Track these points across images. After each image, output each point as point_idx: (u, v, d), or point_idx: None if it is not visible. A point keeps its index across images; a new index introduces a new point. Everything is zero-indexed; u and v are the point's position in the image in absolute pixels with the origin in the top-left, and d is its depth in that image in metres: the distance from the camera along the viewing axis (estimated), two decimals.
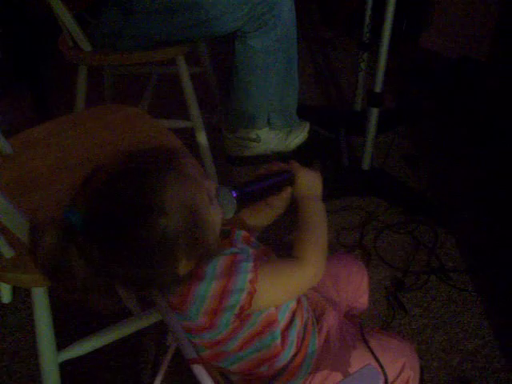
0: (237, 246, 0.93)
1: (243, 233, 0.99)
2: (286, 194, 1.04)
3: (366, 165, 1.89)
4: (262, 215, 1.07)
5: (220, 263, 0.86)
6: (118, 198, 0.78)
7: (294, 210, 1.03)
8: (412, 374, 1.09)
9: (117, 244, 0.78)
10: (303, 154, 2.03)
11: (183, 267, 0.83)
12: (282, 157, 2.00)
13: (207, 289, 0.86)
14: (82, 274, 0.77)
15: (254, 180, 1.00)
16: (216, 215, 0.87)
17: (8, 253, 0.98)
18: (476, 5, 2.42)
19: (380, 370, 1.02)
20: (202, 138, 1.84)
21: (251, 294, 0.86)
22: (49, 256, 0.76)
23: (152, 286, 0.88)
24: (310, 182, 1.04)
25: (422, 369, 1.16)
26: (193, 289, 0.87)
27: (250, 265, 0.87)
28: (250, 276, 0.86)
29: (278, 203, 1.05)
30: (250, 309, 0.88)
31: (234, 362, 0.98)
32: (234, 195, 0.91)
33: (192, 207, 0.81)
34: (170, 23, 1.62)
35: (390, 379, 1.04)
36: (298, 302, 1.03)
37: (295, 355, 1.00)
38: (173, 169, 0.81)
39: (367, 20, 2.03)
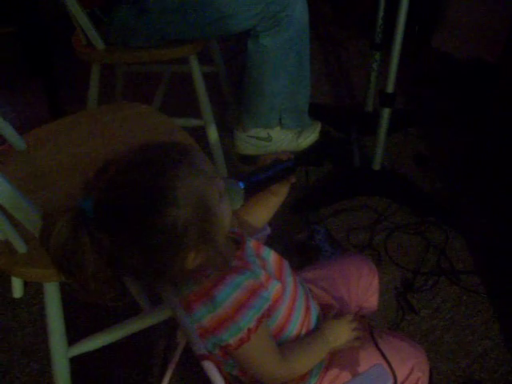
0: (249, 263, 0.94)
1: (253, 242, 1.00)
2: (288, 181, 1.05)
3: (376, 165, 1.88)
4: (267, 203, 1.09)
5: (234, 296, 0.87)
6: (130, 187, 0.78)
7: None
8: (421, 375, 1.08)
9: (127, 232, 0.78)
10: (314, 154, 2.03)
11: (192, 260, 0.83)
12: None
13: (206, 316, 0.88)
14: (92, 264, 0.78)
15: (259, 170, 1.01)
16: (226, 210, 0.87)
17: (21, 248, 0.99)
18: (489, 7, 2.41)
19: (389, 370, 1.02)
20: (213, 136, 1.85)
21: (242, 341, 0.88)
22: (59, 242, 0.76)
23: (160, 278, 0.89)
24: (343, 335, 1.04)
25: (430, 371, 1.15)
26: (194, 306, 0.88)
27: (257, 315, 0.88)
28: (251, 324, 0.87)
29: (282, 190, 1.06)
30: (235, 352, 0.90)
31: (234, 368, 1.00)
32: (241, 186, 0.92)
33: (203, 200, 0.81)
34: (183, 22, 1.62)
35: (399, 380, 1.04)
36: (307, 309, 1.04)
37: None
38: (185, 161, 0.81)
39: (379, 20, 2.03)
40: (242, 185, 0.92)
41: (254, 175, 0.98)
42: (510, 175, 1.98)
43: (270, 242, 1.12)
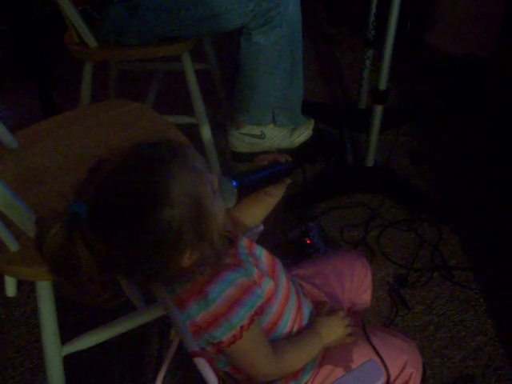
0: (242, 261, 0.94)
1: (245, 241, 1.00)
2: (284, 183, 1.05)
3: (370, 162, 1.89)
4: (261, 204, 1.09)
5: (227, 293, 0.87)
6: (123, 189, 0.78)
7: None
8: (414, 371, 1.09)
9: (121, 234, 0.78)
10: (307, 152, 2.03)
11: (187, 259, 0.83)
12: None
13: (198, 313, 0.88)
14: (87, 267, 0.78)
15: (254, 170, 1.01)
16: (219, 208, 0.87)
17: (13, 246, 0.99)
18: (482, 3, 2.41)
19: (382, 366, 1.02)
20: (206, 133, 1.85)
21: (235, 338, 0.88)
22: (54, 248, 0.76)
23: (156, 278, 0.89)
24: (336, 331, 1.05)
25: (424, 366, 1.16)
26: (187, 303, 0.89)
27: (250, 313, 0.88)
28: (244, 321, 0.88)
29: (275, 192, 1.07)
30: (228, 349, 0.90)
31: (227, 365, 1.00)
32: (235, 185, 0.92)
33: (196, 198, 0.81)
34: (176, 19, 1.62)
35: (392, 376, 1.05)
36: (299, 306, 1.04)
37: None
38: (178, 160, 0.81)
39: (372, 17, 2.03)
40: (235, 183, 0.92)
41: (249, 175, 0.99)
42: (504, 172, 1.99)
43: (263, 239, 1.12)
